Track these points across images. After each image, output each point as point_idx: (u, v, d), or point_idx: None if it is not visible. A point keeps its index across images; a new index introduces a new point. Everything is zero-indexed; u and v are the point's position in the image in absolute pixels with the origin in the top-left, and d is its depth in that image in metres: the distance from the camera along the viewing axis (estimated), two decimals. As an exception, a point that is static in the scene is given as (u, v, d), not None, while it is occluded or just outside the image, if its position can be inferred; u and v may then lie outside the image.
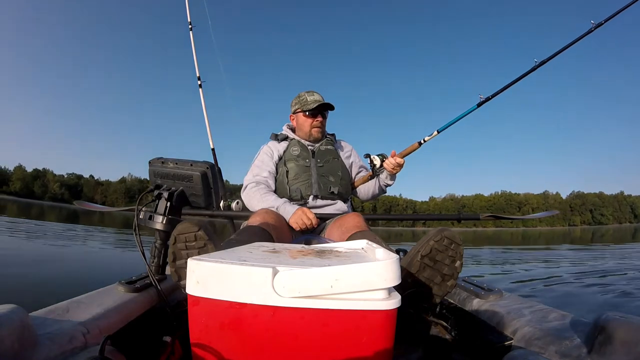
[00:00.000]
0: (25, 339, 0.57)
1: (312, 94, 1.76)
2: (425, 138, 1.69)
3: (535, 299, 0.93)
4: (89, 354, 0.64)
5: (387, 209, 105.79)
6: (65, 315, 0.73)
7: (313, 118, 1.74)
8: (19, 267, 3.83)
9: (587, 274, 4.99)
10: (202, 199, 1.25)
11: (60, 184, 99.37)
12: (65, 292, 0.95)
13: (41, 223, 12.33)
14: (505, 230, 63.41)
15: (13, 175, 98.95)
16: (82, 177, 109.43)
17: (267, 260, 0.64)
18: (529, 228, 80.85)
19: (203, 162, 1.28)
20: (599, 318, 0.62)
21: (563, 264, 6.45)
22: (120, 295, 0.91)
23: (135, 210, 1.09)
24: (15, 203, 35.90)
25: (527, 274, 4.94)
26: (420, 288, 1.03)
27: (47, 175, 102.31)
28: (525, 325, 0.77)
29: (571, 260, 7.25)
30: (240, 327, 0.56)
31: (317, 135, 1.75)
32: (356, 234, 1.29)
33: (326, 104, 1.74)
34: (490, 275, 4.78)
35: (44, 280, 3.25)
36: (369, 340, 0.55)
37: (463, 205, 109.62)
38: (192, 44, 2.55)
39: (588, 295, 3.34)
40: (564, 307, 0.83)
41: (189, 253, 0.98)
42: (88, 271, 4.03)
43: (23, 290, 2.83)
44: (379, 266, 0.56)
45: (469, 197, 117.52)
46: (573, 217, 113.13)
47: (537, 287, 3.86)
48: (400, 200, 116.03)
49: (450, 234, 1.01)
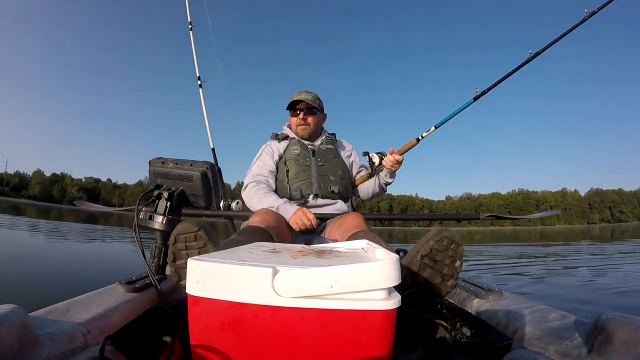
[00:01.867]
0: (25, 339, 0.57)
1: (300, 94, 1.76)
2: (423, 134, 1.69)
3: (535, 299, 0.93)
4: (89, 354, 0.64)
5: (403, 208, 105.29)
6: (65, 315, 0.73)
7: (296, 116, 1.74)
8: (19, 267, 3.83)
9: (587, 274, 4.99)
10: (202, 199, 1.25)
11: (78, 188, 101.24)
12: (65, 292, 0.95)
13: (59, 223, 12.46)
14: (523, 229, 63.17)
15: (32, 180, 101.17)
16: (100, 180, 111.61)
17: (267, 260, 0.64)
18: (547, 227, 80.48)
19: (203, 162, 1.28)
20: (599, 318, 0.62)
21: (565, 264, 6.45)
22: (120, 295, 0.91)
23: (135, 210, 1.08)
24: (34, 207, 36.31)
25: (527, 274, 4.93)
26: (420, 288, 1.03)
27: (65, 179, 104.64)
28: (525, 325, 0.77)
29: (574, 260, 7.25)
30: (240, 327, 0.56)
31: (302, 134, 1.75)
32: (356, 234, 1.29)
33: (298, 100, 1.73)
34: (491, 275, 4.77)
35: (44, 280, 3.25)
36: (369, 340, 0.55)
37: (480, 204, 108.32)
38: (192, 44, 2.55)
39: (588, 295, 3.34)
40: (564, 307, 0.83)
41: (189, 253, 0.98)
42: (88, 271, 4.03)
43: (23, 290, 2.83)
44: (379, 266, 0.56)
45: (485, 195, 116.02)
46: (592, 215, 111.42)
47: (537, 287, 3.86)
48: (417, 200, 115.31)
49: (450, 234, 1.01)
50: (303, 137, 1.76)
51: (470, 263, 6.03)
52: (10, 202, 51.47)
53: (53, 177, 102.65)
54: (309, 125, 1.74)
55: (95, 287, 0.93)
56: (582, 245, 11.64)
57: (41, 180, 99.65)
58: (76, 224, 12.97)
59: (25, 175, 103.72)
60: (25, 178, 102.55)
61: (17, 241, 6.31)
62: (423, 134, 1.69)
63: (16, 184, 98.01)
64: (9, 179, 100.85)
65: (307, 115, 1.73)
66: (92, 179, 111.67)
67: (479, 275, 4.71)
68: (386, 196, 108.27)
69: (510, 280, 4.50)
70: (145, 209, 1.16)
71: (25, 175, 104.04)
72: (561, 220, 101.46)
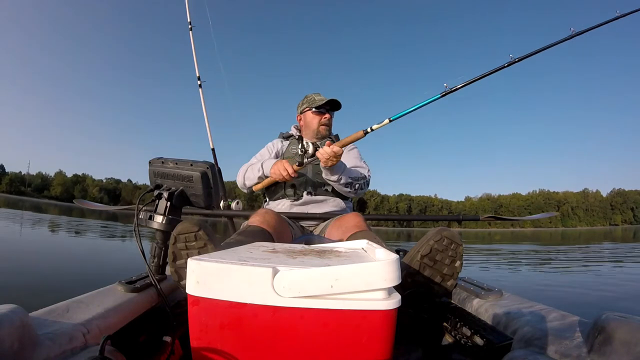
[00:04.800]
0: (25, 339, 0.57)
1: (319, 95, 1.83)
2: (373, 127, 1.50)
3: (535, 299, 0.93)
4: (89, 354, 0.64)
5: (422, 209, 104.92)
6: (65, 315, 0.73)
7: (321, 115, 1.78)
8: (20, 266, 3.84)
9: (588, 274, 4.98)
10: (202, 199, 1.25)
11: (99, 188, 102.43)
12: (65, 292, 0.95)
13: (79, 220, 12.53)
14: (543, 230, 63.16)
15: (54, 181, 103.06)
16: (120, 181, 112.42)
17: (267, 260, 0.64)
18: (569, 228, 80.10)
19: (203, 162, 1.28)
20: (599, 318, 0.62)
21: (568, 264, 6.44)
22: (120, 295, 0.91)
23: (135, 210, 1.08)
24: (56, 206, 36.91)
25: (528, 274, 4.93)
26: (420, 288, 1.03)
27: (86, 180, 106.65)
28: (525, 325, 0.77)
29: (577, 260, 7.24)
30: (240, 327, 0.56)
31: (324, 132, 1.79)
32: (356, 234, 1.29)
33: (335, 100, 1.78)
34: (491, 275, 4.77)
35: (44, 280, 3.26)
36: (369, 340, 0.55)
37: (500, 205, 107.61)
38: (192, 44, 2.56)
39: (588, 295, 3.34)
40: (564, 307, 0.83)
41: (189, 253, 0.98)
42: (88, 271, 4.03)
43: (23, 290, 2.83)
44: (379, 266, 0.55)
45: (505, 196, 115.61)
46: (614, 216, 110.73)
47: (537, 287, 3.86)
48: (436, 201, 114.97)
49: (450, 233, 1.01)
50: (324, 136, 1.79)
51: (470, 263, 6.03)
52: (32, 202, 51.97)
53: (74, 178, 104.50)
54: (330, 124, 1.81)
55: (95, 287, 0.93)
56: (590, 246, 11.60)
57: (63, 181, 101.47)
58: (96, 220, 13.12)
59: (47, 176, 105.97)
60: (47, 179, 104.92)
61: (17, 241, 6.32)
62: (373, 126, 1.49)
63: (38, 184, 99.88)
64: (32, 179, 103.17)
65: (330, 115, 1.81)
66: (113, 179, 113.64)
67: (480, 274, 4.71)
68: (405, 196, 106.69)
69: (511, 280, 4.49)
70: (145, 208, 1.16)
71: (47, 176, 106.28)
72: (582, 221, 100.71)
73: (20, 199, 62.80)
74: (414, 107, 1.53)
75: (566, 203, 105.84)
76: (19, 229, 8.62)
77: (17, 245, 5.70)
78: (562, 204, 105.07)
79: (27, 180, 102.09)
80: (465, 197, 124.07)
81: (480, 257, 7.61)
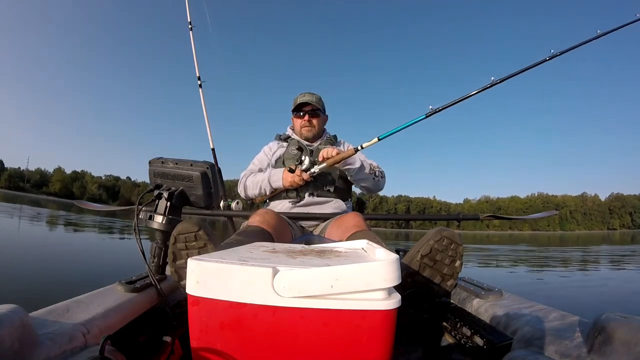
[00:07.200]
0: (25, 339, 0.57)
1: (304, 95, 1.78)
2: (363, 144, 1.62)
3: (535, 299, 0.93)
4: (89, 354, 0.64)
5: (420, 210, 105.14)
6: (65, 315, 0.73)
7: (301, 118, 1.76)
8: (20, 266, 3.83)
9: (588, 274, 4.98)
10: (202, 199, 1.25)
11: (98, 185, 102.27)
12: (65, 292, 0.95)
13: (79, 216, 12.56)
14: (542, 233, 63.41)
15: (53, 177, 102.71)
16: (119, 178, 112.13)
17: (267, 260, 0.64)
18: (567, 232, 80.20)
19: (203, 162, 1.28)
20: (599, 318, 0.62)
21: (567, 264, 6.44)
22: (120, 295, 0.91)
23: (135, 210, 1.08)
24: (55, 202, 37.07)
25: (528, 274, 4.93)
26: (420, 288, 1.03)
27: (85, 177, 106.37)
28: (525, 325, 0.77)
29: (578, 260, 7.24)
30: (240, 327, 0.56)
31: (307, 134, 1.78)
32: (356, 234, 1.29)
33: (304, 103, 1.75)
34: (491, 275, 4.77)
35: (44, 280, 3.26)
36: (369, 340, 0.55)
37: (498, 208, 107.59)
38: (192, 44, 2.56)
39: (588, 295, 3.34)
40: (564, 307, 0.83)
41: (189, 253, 0.98)
42: (88, 271, 4.03)
43: (23, 290, 2.83)
44: (379, 266, 0.55)
45: (504, 199, 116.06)
46: (612, 221, 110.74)
47: (537, 287, 3.86)
48: (434, 202, 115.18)
49: (449, 233, 1.01)
50: (307, 138, 1.78)
51: (470, 263, 6.03)
52: (31, 198, 52.00)
53: (73, 175, 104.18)
54: (313, 127, 1.78)
55: (95, 287, 0.93)
56: (589, 248, 11.62)
57: (62, 178, 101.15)
58: (95, 216, 13.14)
59: (46, 172, 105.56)
60: (46, 175, 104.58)
61: (17, 241, 6.31)
62: (364, 144, 1.62)
63: (37, 180, 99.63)
64: (30, 175, 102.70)
65: (312, 117, 1.76)
66: (112, 176, 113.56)
67: (479, 274, 4.71)
68: (404, 198, 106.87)
69: (511, 279, 4.49)
70: (145, 208, 1.16)
71: (46, 172, 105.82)
72: (581, 225, 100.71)
73: (18, 194, 62.79)
74: (400, 127, 1.68)
75: (565, 207, 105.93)
76: (17, 228, 8.62)
77: (17, 245, 5.70)
78: (561, 208, 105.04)
79: (26, 176, 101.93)
80: (464, 199, 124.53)
81: (480, 257, 7.61)
